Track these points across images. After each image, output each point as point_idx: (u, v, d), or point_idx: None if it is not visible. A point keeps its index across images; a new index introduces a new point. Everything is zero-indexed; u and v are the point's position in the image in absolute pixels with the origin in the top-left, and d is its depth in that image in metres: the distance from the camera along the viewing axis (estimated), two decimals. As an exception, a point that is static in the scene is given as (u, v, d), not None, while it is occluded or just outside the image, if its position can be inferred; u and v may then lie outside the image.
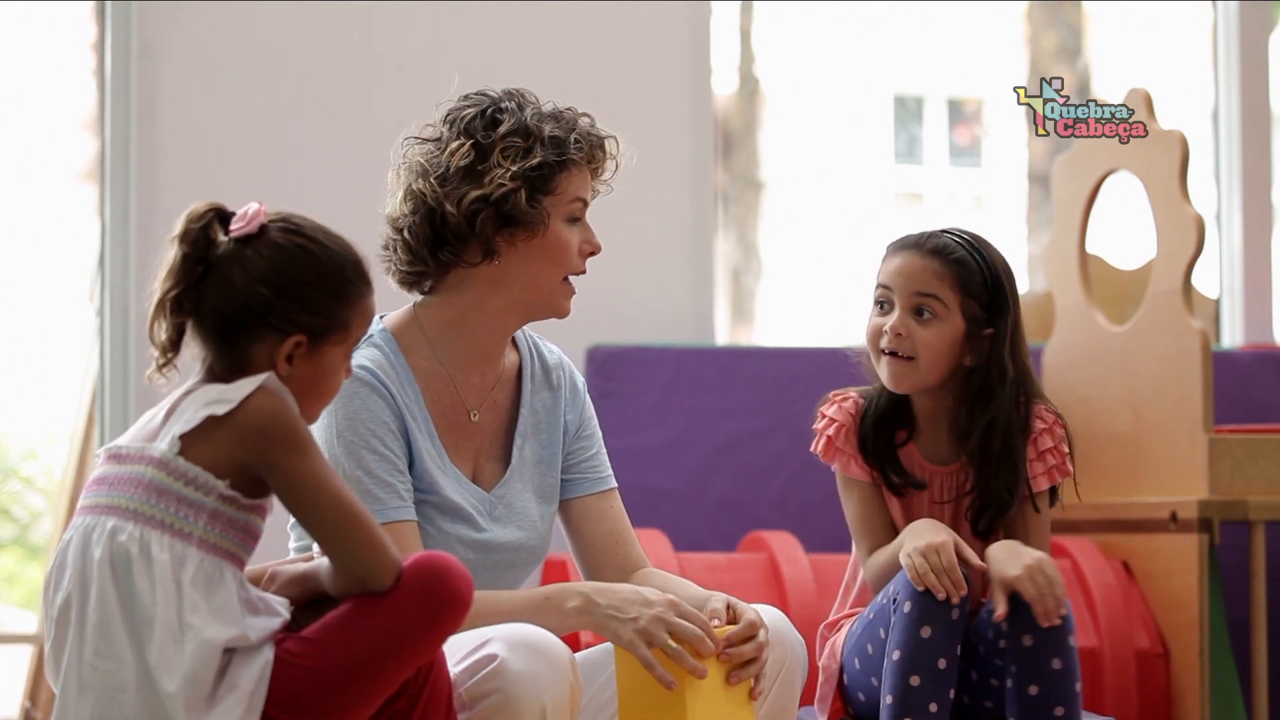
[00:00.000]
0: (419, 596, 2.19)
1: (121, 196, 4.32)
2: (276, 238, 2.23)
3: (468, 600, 2.21)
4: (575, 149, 2.69)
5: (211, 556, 2.17)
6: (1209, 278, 5.04)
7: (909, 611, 2.80)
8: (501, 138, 2.66)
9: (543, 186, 2.67)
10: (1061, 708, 2.81)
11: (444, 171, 2.66)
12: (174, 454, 2.17)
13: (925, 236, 2.99)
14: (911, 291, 2.95)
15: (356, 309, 2.27)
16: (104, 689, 2.13)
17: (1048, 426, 3.00)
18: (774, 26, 11.15)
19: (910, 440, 3.02)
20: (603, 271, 4.67)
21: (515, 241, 2.68)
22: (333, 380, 2.27)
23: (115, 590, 2.15)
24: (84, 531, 2.19)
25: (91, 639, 2.14)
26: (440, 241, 2.67)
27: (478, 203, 2.64)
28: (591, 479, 2.83)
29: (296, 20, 4.43)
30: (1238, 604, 4.08)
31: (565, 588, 2.61)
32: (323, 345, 2.24)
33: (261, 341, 2.22)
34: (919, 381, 2.96)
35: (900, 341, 2.94)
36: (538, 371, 2.84)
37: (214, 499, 2.17)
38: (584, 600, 2.57)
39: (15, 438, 8.02)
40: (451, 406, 2.73)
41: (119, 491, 2.19)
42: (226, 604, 2.16)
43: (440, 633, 2.21)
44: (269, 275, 2.21)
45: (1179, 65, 8.45)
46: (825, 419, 3.04)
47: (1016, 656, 2.82)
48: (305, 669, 2.16)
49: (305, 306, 2.22)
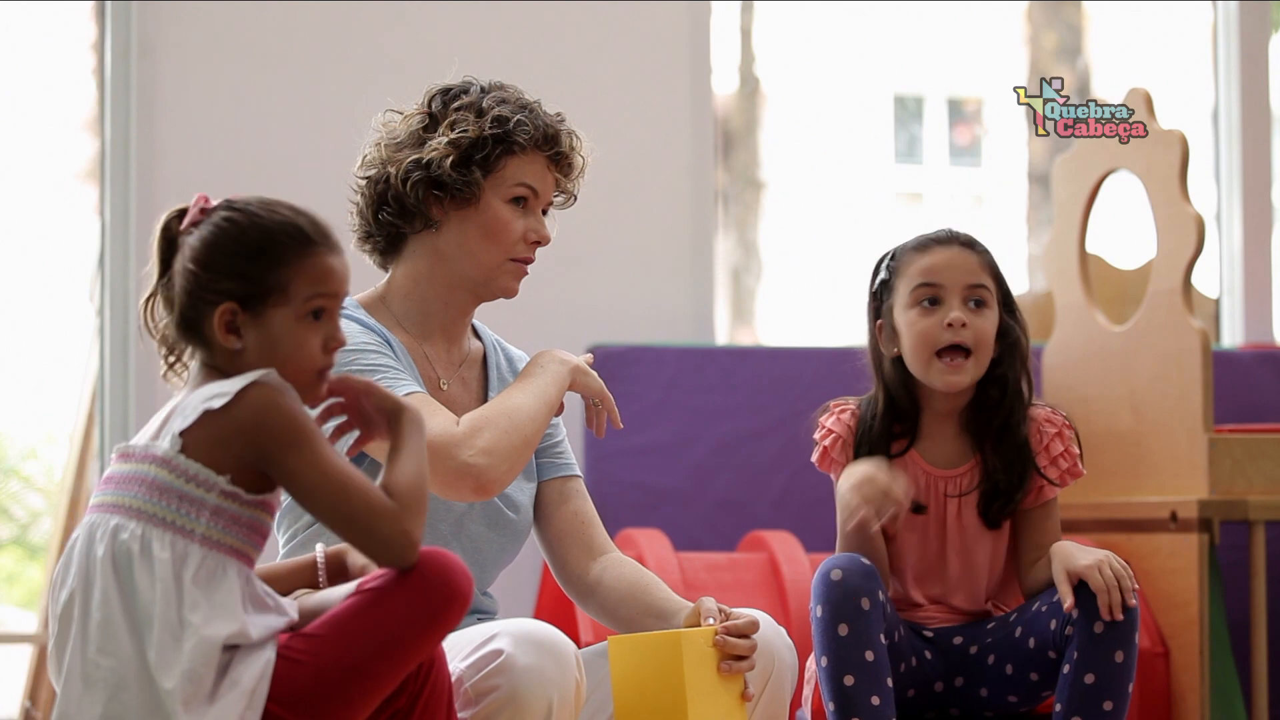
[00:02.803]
0: (420, 592, 2.19)
1: (121, 196, 4.32)
2: (213, 219, 2.25)
3: (468, 596, 2.21)
4: (520, 131, 2.73)
5: (214, 553, 2.17)
6: (1209, 278, 5.04)
7: (822, 615, 2.81)
8: (453, 110, 2.75)
9: (480, 161, 2.72)
10: (1111, 702, 2.81)
11: (396, 138, 2.76)
12: (175, 451, 2.17)
13: (949, 233, 3.04)
14: (965, 284, 2.98)
15: (294, 269, 2.24)
16: (107, 686, 2.13)
17: (1058, 430, 3.01)
18: (774, 26, 11.15)
19: (911, 447, 3.02)
20: (603, 271, 4.70)
21: (449, 211, 2.74)
22: (291, 345, 2.24)
23: (117, 587, 2.15)
24: (89, 530, 2.20)
25: (94, 636, 2.15)
26: (382, 203, 2.76)
27: (412, 165, 2.73)
28: (557, 464, 2.86)
29: (296, 19, 4.44)
30: (1238, 604, 4.08)
31: (542, 361, 2.75)
32: (263, 310, 2.22)
33: (205, 319, 2.23)
34: (973, 377, 2.98)
35: (964, 333, 2.95)
36: (503, 362, 2.89)
37: (216, 495, 2.17)
38: (560, 354, 2.76)
39: (15, 438, 8.02)
40: (424, 373, 2.78)
41: (123, 490, 2.19)
42: (228, 601, 2.15)
43: (441, 628, 2.21)
44: (198, 253, 2.23)
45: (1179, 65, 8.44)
46: (823, 429, 3.05)
47: (1082, 644, 2.81)
48: (307, 665, 2.16)
49: (226, 273, 2.22)
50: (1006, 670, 2.93)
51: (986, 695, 2.96)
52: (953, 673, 2.97)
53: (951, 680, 2.97)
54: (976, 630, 2.97)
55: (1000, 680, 2.94)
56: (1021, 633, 2.90)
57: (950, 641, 2.97)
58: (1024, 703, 2.95)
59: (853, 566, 2.83)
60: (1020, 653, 2.90)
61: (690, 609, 2.66)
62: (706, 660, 2.57)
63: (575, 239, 4.20)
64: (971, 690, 2.97)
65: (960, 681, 2.97)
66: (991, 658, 2.93)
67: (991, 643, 2.94)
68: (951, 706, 2.99)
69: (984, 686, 2.95)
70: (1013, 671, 2.92)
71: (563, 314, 4.43)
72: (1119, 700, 2.81)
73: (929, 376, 2.98)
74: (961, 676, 2.97)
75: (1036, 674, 2.90)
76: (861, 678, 2.79)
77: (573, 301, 4.48)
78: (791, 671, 2.71)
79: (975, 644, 2.96)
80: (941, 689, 2.98)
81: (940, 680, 2.98)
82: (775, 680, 2.68)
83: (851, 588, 2.80)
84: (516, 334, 3.02)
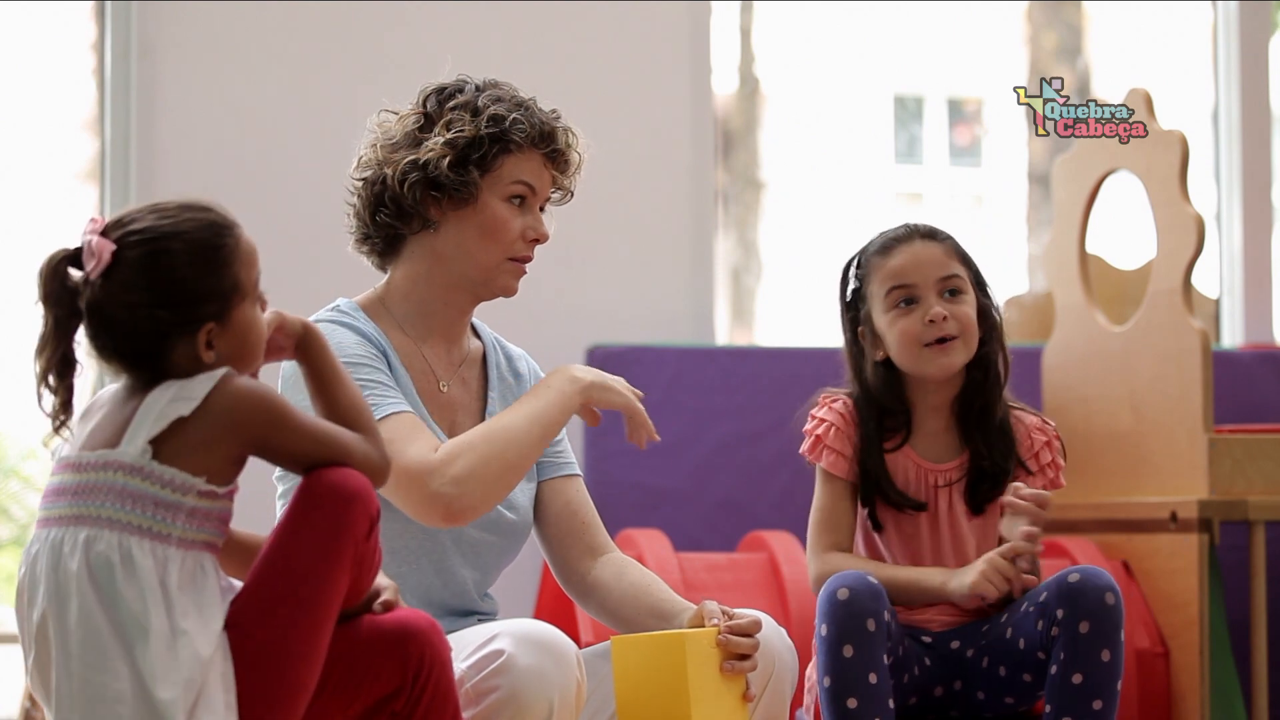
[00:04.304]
0: (318, 506, 2.19)
1: (121, 196, 4.32)
2: (133, 256, 2.19)
3: (364, 492, 2.21)
4: (516, 130, 2.72)
5: (191, 552, 2.16)
6: (1209, 278, 5.04)
7: (826, 634, 2.80)
8: (449, 110, 2.73)
9: (478, 161, 2.71)
10: (1100, 701, 2.81)
11: (392, 139, 2.75)
12: (147, 459, 2.16)
13: (909, 228, 3.06)
14: (937, 277, 3.01)
15: (236, 260, 2.23)
16: (101, 701, 2.11)
17: (1048, 440, 3.05)
18: (774, 26, 11.16)
19: (905, 443, 3.03)
20: (603, 271, 4.70)
21: (447, 211, 2.73)
22: (255, 333, 2.25)
23: (98, 600, 2.13)
24: (52, 544, 2.16)
25: (78, 653, 2.12)
26: (379, 205, 2.74)
27: (409, 166, 2.71)
28: (557, 463, 2.85)
29: (296, 20, 4.44)
30: (1238, 604, 4.08)
31: (551, 380, 2.70)
32: (228, 314, 2.23)
33: (174, 348, 2.20)
34: (965, 356, 3.01)
35: (947, 325, 2.98)
36: (502, 360, 2.88)
37: (192, 497, 2.16)
38: (576, 371, 2.70)
39: (15, 438, 8.02)
40: (423, 374, 2.77)
41: (87, 501, 2.16)
42: (211, 601, 2.16)
43: (351, 530, 2.19)
44: (150, 299, 2.18)
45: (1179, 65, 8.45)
46: (814, 420, 3.06)
47: (1067, 644, 2.82)
48: (246, 624, 2.16)
49: (198, 300, 2.20)
50: (1000, 672, 2.93)
51: (984, 698, 2.96)
52: (951, 677, 2.97)
53: (951, 684, 2.97)
54: (972, 633, 2.97)
55: (996, 682, 2.94)
56: (1011, 634, 2.91)
57: (948, 646, 2.97)
58: (1020, 703, 2.96)
59: (860, 586, 2.81)
60: (1012, 654, 2.91)
61: (693, 611, 2.66)
62: (709, 661, 2.57)
63: (575, 239, 4.21)
64: (970, 693, 2.97)
65: (959, 685, 2.97)
66: (986, 660, 2.94)
67: (985, 645, 2.94)
68: (951, 709, 2.99)
69: (981, 689, 2.96)
70: (1006, 673, 2.92)
71: (562, 314, 4.43)
72: (1108, 699, 2.81)
73: (922, 367, 3.00)
74: (960, 680, 2.97)
75: (1029, 675, 2.90)
76: (864, 701, 2.78)
77: (573, 301, 4.48)
78: (792, 672, 2.71)
79: (971, 647, 2.96)
80: (941, 693, 2.98)
81: (940, 685, 2.97)
82: (776, 681, 2.68)
83: (858, 608, 2.80)
84: (516, 334, 3.02)
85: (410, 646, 2.25)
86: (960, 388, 3.04)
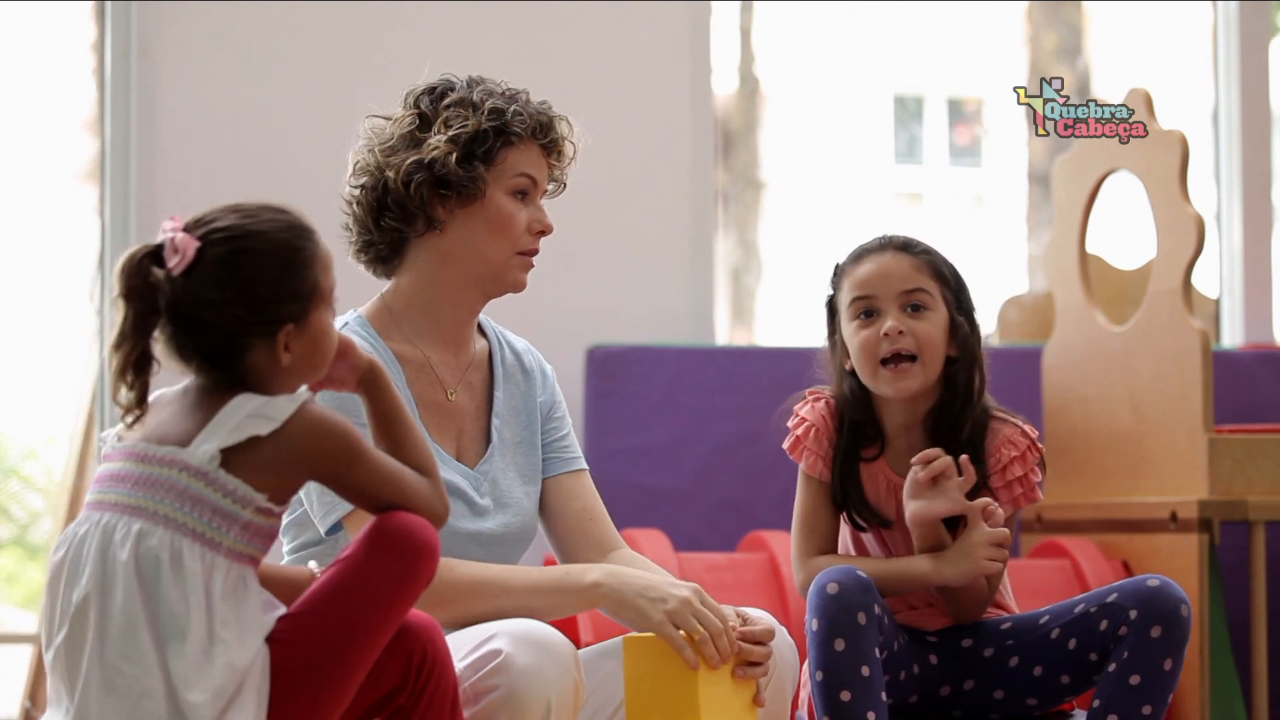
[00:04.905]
0: (390, 550, 2.20)
1: (121, 196, 4.32)
2: (216, 254, 2.19)
3: (434, 548, 2.23)
4: (516, 122, 2.72)
5: (237, 565, 2.17)
6: (1209, 278, 5.04)
7: (818, 629, 2.78)
8: (445, 108, 2.73)
9: (483, 156, 2.71)
10: (1150, 707, 2.79)
11: (389, 141, 2.73)
12: (215, 466, 2.16)
13: (884, 239, 2.99)
14: (899, 290, 2.94)
15: (317, 264, 2.25)
16: (130, 694, 2.12)
17: (1019, 454, 2.95)
18: (774, 26, 11.16)
19: (881, 455, 2.99)
20: (603, 271, 4.70)
21: (454, 210, 2.72)
22: (328, 340, 2.27)
23: (141, 595, 2.13)
24: (104, 529, 2.17)
25: (115, 642, 2.13)
26: (383, 209, 2.72)
27: (413, 166, 2.70)
28: (564, 459, 2.85)
29: (295, 20, 4.43)
30: (1238, 604, 4.08)
31: (583, 567, 2.61)
32: (307, 317, 2.23)
33: (252, 348, 2.21)
34: (923, 381, 2.93)
35: (903, 340, 2.91)
36: (508, 357, 2.87)
37: (250, 511, 2.17)
38: (607, 576, 2.58)
39: (15, 438, 8.03)
40: (430, 385, 2.76)
41: (146, 494, 2.17)
42: (252, 615, 2.17)
43: (416, 582, 2.22)
44: (232, 296, 2.19)
45: (1179, 65, 8.45)
46: (797, 418, 3.03)
47: (1135, 645, 2.79)
48: (296, 643, 2.17)
49: (279, 300, 2.21)
50: (1035, 672, 2.89)
51: (1002, 697, 2.94)
52: (962, 676, 2.95)
53: (960, 683, 2.95)
54: (990, 632, 2.94)
55: (1024, 682, 2.91)
56: (1060, 634, 2.87)
57: (958, 644, 2.95)
58: (1043, 705, 2.92)
59: (849, 580, 2.78)
60: (1058, 654, 2.87)
61: None
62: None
63: (575, 239, 4.21)
64: (984, 693, 2.94)
65: (970, 684, 2.95)
66: (1015, 659, 2.90)
67: (1014, 645, 2.91)
68: (955, 709, 2.98)
69: (1000, 689, 2.93)
70: (1042, 673, 2.89)
71: (562, 314, 4.43)
72: (1158, 706, 2.79)
73: (878, 385, 2.94)
74: (972, 679, 2.95)
75: (1069, 676, 2.88)
76: (857, 694, 2.76)
77: (573, 301, 4.48)
78: (793, 671, 2.71)
79: (990, 646, 2.93)
80: (949, 692, 2.96)
81: (947, 684, 2.96)
82: (777, 680, 2.68)
83: (847, 602, 2.77)
84: (517, 334, 3.02)
85: (411, 644, 2.26)
86: (932, 406, 2.98)
